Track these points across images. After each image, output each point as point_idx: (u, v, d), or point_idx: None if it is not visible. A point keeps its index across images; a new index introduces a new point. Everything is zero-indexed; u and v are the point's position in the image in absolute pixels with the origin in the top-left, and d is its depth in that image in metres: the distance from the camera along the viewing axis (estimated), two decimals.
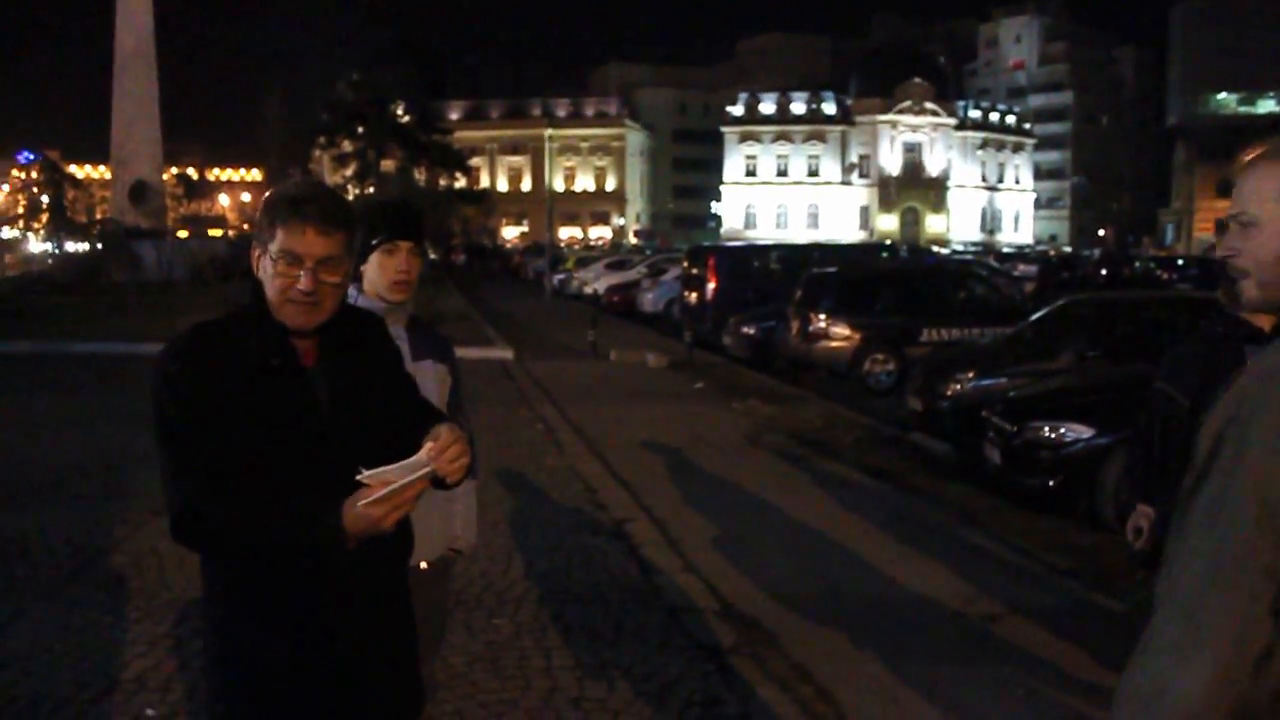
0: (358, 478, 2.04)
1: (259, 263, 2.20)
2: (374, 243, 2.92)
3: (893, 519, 7.48)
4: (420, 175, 50.17)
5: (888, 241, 58.45)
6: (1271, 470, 1.57)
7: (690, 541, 6.77)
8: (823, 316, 14.97)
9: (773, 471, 9.09)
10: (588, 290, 33.71)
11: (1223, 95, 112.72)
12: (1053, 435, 7.91)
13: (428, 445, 2.10)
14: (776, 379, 15.04)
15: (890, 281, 16.41)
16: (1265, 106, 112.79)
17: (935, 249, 49.94)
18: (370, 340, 2.38)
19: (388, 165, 49.45)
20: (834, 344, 14.93)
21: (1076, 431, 7.80)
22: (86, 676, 4.55)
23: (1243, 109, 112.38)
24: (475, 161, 64.20)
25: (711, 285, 19.89)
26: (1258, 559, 1.58)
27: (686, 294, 21.60)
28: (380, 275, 2.95)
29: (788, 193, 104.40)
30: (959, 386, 10.75)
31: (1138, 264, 39.03)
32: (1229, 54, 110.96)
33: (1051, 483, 7.77)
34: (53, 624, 5.15)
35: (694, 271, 21.32)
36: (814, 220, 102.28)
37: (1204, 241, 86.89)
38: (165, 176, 46.12)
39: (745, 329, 17.51)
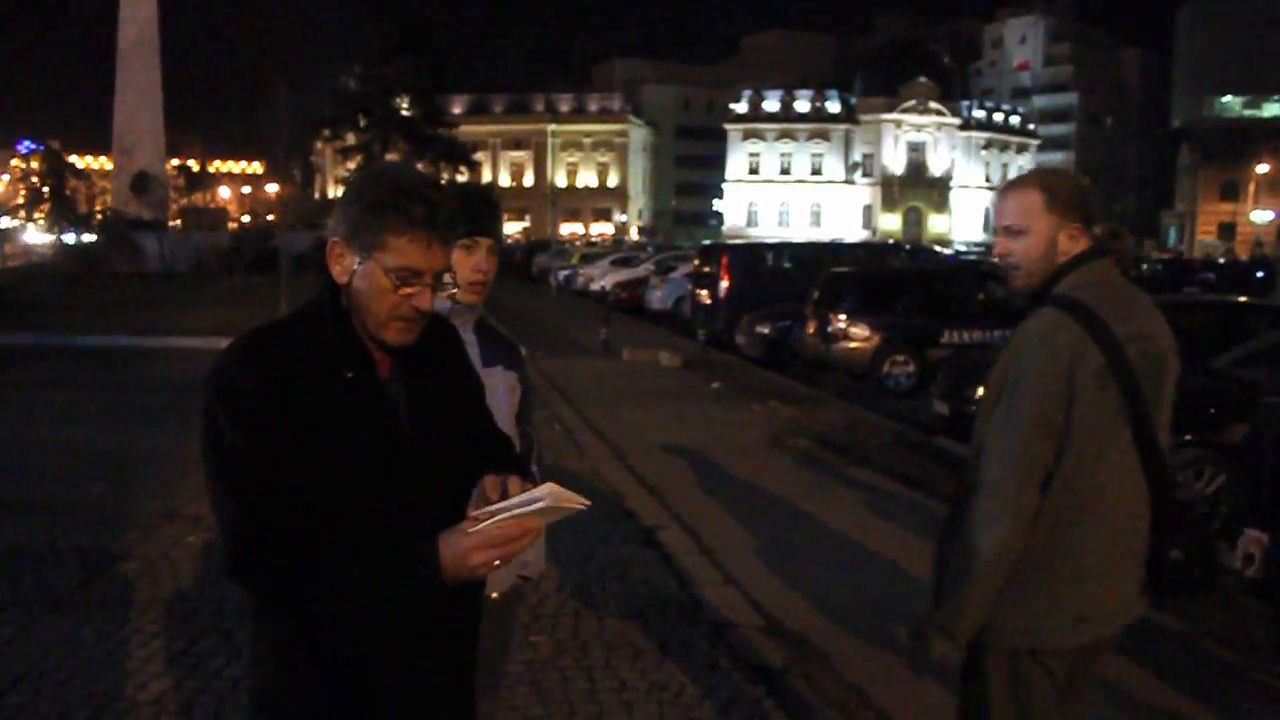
0: (472, 513, 1.76)
1: (346, 265, 1.87)
2: None
3: (931, 529, 7.17)
4: (424, 169, 49.89)
5: (890, 241, 58.20)
6: (1044, 395, 2.44)
7: (726, 551, 6.49)
8: (842, 317, 14.69)
9: (800, 477, 8.80)
10: (594, 287, 33.38)
11: (1227, 98, 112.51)
12: None
13: (547, 485, 1.80)
14: (793, 380, 14.76)
15: (910, 282, 16.12)
16: (1270, 110, 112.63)
17: (937, 248, 49.52)
18: (447, 348, 2.09)
19: (392, 158, 49.11)
20: (853, 345, 14.65)
21: None
22: (101, 698, 4.25)
23: (1247, 112, 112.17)
24: (478, 156, 63.77)
25: (725, 283, 19.58)
26: (1038, 454, 2.46)
27: (698, 292, 21.30)
28: (455, 274, 2.66)
29: (790, 191, 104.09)
30: None
31: (1144, 265, 38.75)
32: (1234, 57, 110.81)
33: None
34: (62, 639, 4.84)
35: (706, 269, 21.02)
36: (816, 219, 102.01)
37: (1208, 245, 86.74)
38: (167, 167, 45.78)
39: (760, 328, 17.22)
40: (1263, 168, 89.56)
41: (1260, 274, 35.08)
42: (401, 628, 1.89)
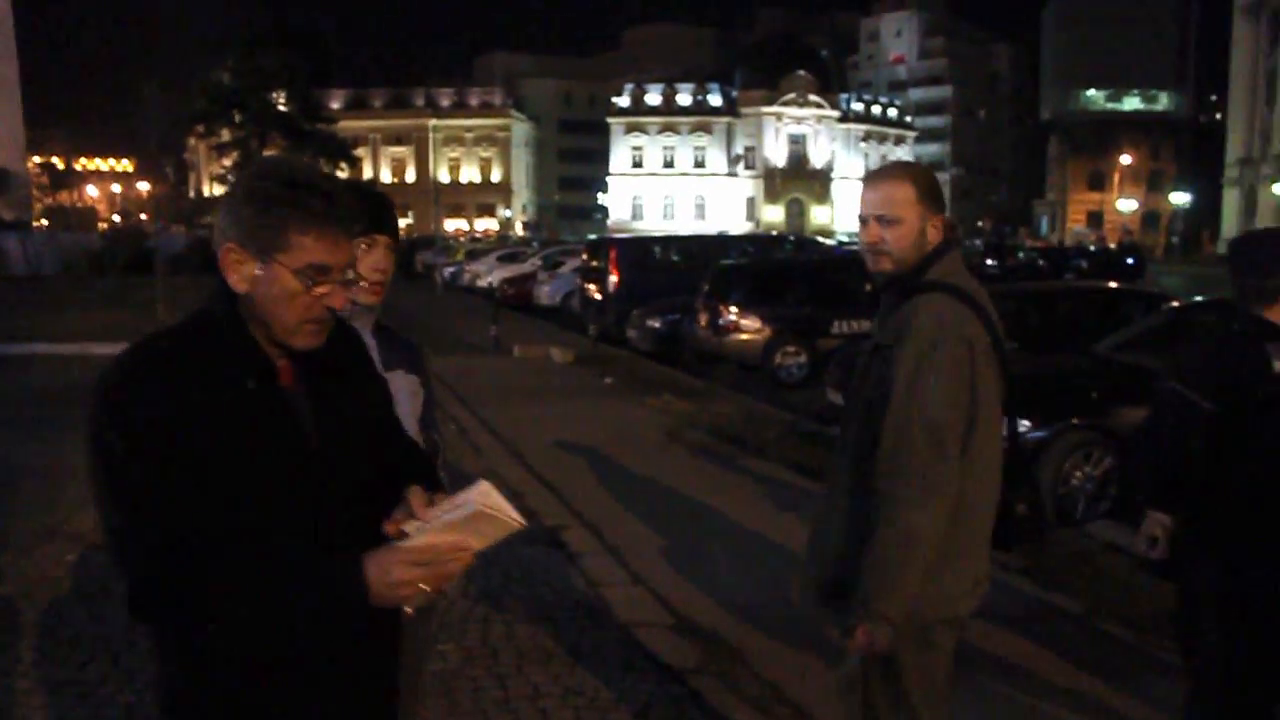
0: (403, 528, 1.67)
1: (245, 272, 1.73)
2: None
3: None
4: None
5: (775, 233, 58.91)
6: (958, 377, 2.58)
7: (632, 550, 6.43)
8: (733, 309, 14.77)
9: (700, 470, 8.80)
10: (481, 283, 33.02)
11: (1091, 92, 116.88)
12: None
13: (480, 486, 1.71)
14: (686, 373, 14.78)
15: (800, 273, 16.29)
16: (1130, 103, 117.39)
17: (820, 239, 50.36)
18: (350, 352, 1.98)
19: (270, 153, 47.91)
20: (745, 336, 14.74)
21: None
22: None
23: (1110, 105, 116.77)
24: (358, 152, 62.55)
25: (613, 278, 19.53)
26: (957, 433, 2.58)
27: (587, 286, 21.22)
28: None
29: (674, 184, 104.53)
30: None
31: (1020, 253, 40.00)
32: (1097, 52, 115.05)
33: None
34: None
35: (594, 264, 20.94)
36: (701, 211, 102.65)
37: (1078, 232, 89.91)
38: (29, 165, 43.84)
39: (650, 322, 17.22)
40: (1125, 158, 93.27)
41: (1129, 260, 36.56)
42: (317, 652, 1.79)
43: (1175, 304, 10.33)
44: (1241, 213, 71.68)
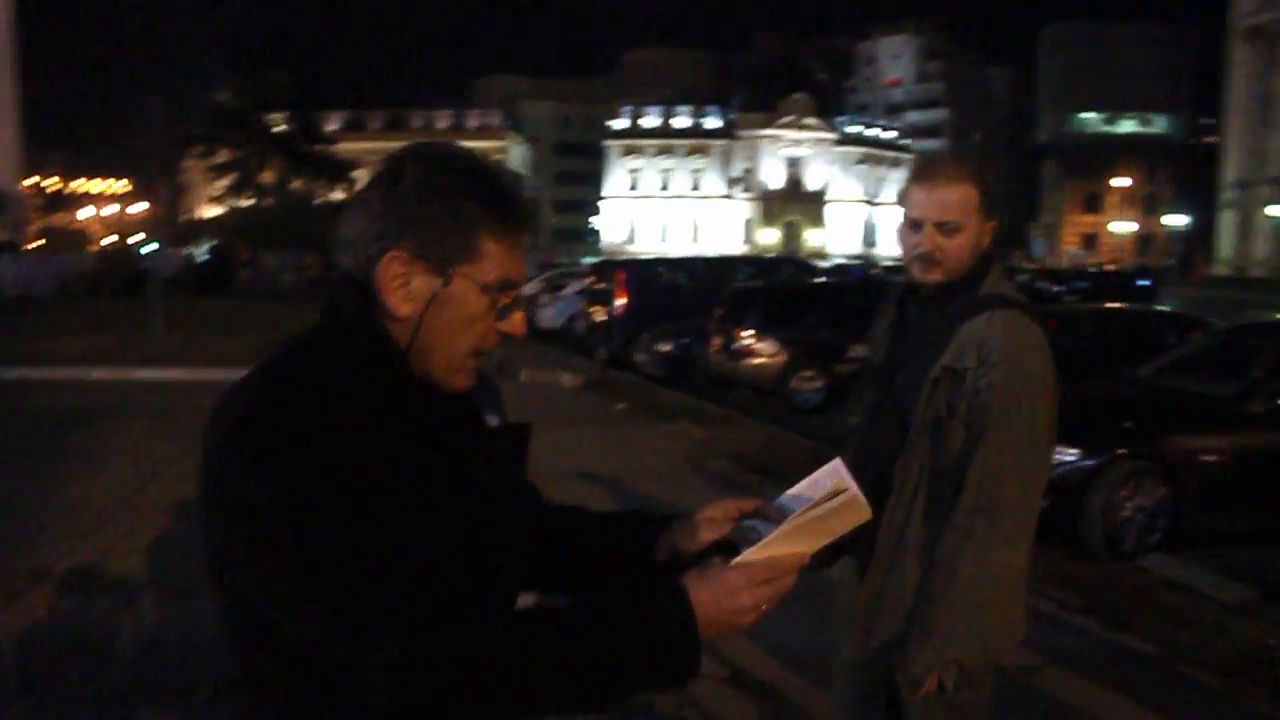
0: (748, 523, 1.46)
1: (418, 290, 1.33)
2: None
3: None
4: (299, 187, 48.42)
5: (769, 255, 58.76)
6: (1050, 405, 2.39)
7: None
8: (748, 332, 14.39)
9: None
10: None
11: (1087, 115, 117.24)
12: None
13: (834, 465, 1.43)
14: (699, 398, 14.39)
15: (816, 296, 15.94)
16: (1126, 126, 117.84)
17: (814, 262, 50.24)
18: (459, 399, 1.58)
19: (266, 176, 47.62)
20: (760, 360, 14.35)
21: (1060, 453, 7.30)
22: None
23: (1106, 128, 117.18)
24: (356, 173, 62.38)
25: (621, 300, 19.18)
26: (1048, 465, 2.48)
27: (592, 309, 20.87)
28: None
29: (670, 207, 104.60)
30: None
31: (1020, 276, 39.72)
32: (1092, 76, 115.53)
33: None
34: None
35: (600, 286, 20.61)
36: (696, 234, 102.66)
37: (1073, 255, 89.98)
38: (24, 186, 43.57)
39: (660, 346, 16.85)
40: (1121, 181, 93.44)
41: (1141, 283, 36.24)
42: None
43: (1226, 326, 9.96)
44: (1237, 235, 71.71)
